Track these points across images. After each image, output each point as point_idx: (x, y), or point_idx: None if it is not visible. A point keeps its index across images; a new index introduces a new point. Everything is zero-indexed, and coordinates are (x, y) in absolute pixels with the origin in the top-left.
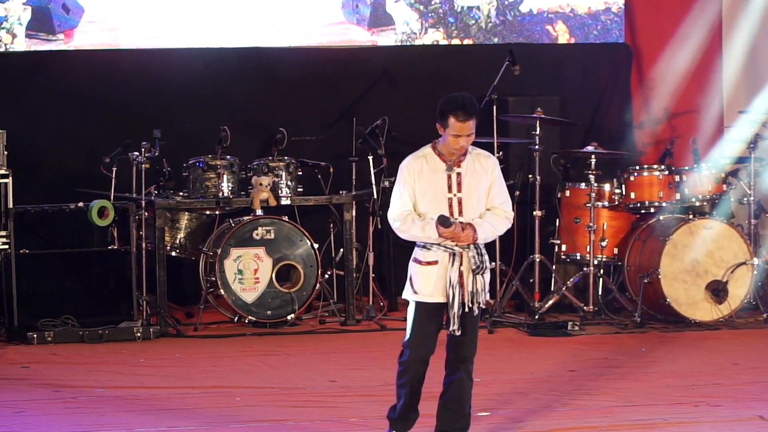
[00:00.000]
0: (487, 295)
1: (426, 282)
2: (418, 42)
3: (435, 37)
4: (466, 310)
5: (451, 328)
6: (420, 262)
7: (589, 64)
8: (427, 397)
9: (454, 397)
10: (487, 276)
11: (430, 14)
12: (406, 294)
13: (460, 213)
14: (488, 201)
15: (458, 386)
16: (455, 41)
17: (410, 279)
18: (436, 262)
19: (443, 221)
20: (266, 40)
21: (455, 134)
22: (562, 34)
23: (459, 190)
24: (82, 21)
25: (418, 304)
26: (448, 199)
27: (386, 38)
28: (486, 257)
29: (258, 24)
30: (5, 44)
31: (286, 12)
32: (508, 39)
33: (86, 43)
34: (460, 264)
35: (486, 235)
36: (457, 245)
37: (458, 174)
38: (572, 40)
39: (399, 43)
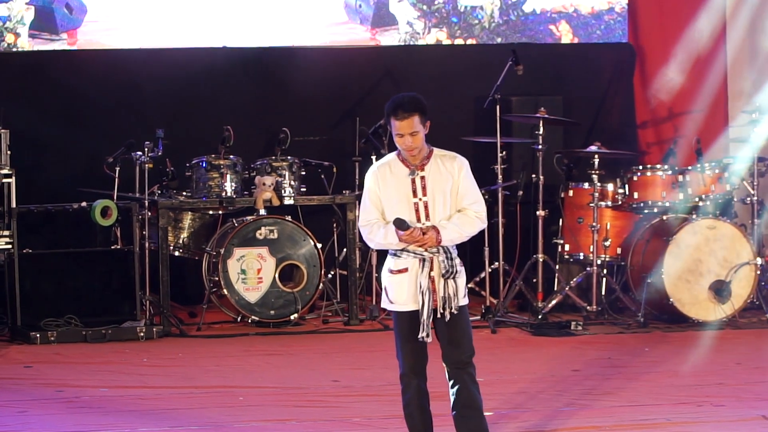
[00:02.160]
0: (464, 300)
1: (399, 291)
2: (421, 42)
3: (438, 36)
4: (438, 316)
5: (420, 335)
6: (391, 271)
7: (593, 64)
8: (436, 396)
9: (467, 404)
10: (461, 280)
11: (433, 14)
12: (384, 303)
13: (427, 217)
14: (458, 202)
15: (466, 393)
16: (458, 41)
17: (385, 289)
18: (406, 270)
19: (399, 224)
20: (269, 39)
21: (397, 134)
22: (565, 34)
23: (424, 194)
24: (85, 20)
25: (397, 314)
26: (414, 204)
27: (389, 38)
28: (457, 261)
29: (261, 24)
30: (8, 44)
31: (289, 12)
32: (512, 39)
33: (89, 43)
34: (431, 269)
35: (451, 236)
36: (426, 251)
37: (422, 177)
38: (576, 40)
39: (402, 43)
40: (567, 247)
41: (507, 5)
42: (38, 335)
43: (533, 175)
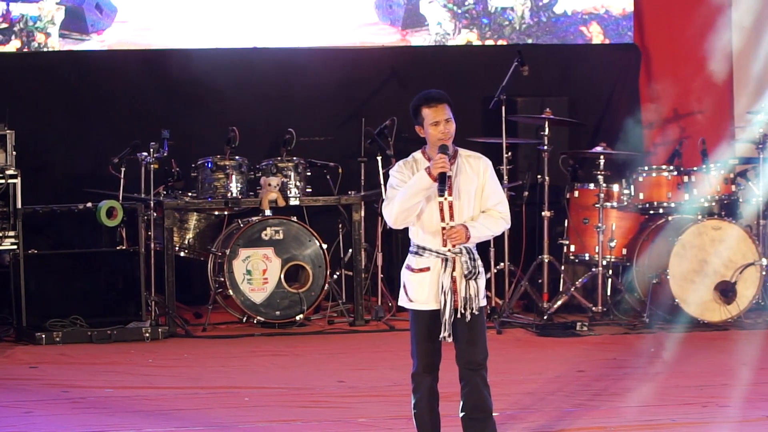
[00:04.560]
0: (483, 301)
1: (420, 289)
2: (450, 42)
3: (468, 37)
4: (459, 316)
5: (441, 335)
6: (412, 270)
7: (598, 65)
8: (443, 397)
9: (477, 407)
10: (482, 281)
11: (463, 15)
12: (402, 302)
13: (452, 217)
14: (482, 203)
15: (476, 395)
16: (489, 42)
17: (404, 286)
18: (428, 269)
19: (443, 149)
20: (300, 40)
21: (433, 122)
22: (596, 35)
23: (450, 194)
24: (115, 21)
25: (415, 312)
26: (439, 203)
27: (420, 39)
28: (479, 262)
29: (291, 24)
30: (39, 43)
31: (320, 12)
32: (542, 40)
33: (119, 43)
34: (453, 269)
35: (479, 233)
36: (449, 251)
37: (449, 177)
38: (606, 41)
39: (407, 44)
40: (572, 248)
41: (538, 6)
42: (43, 336)
43: (539, 176)
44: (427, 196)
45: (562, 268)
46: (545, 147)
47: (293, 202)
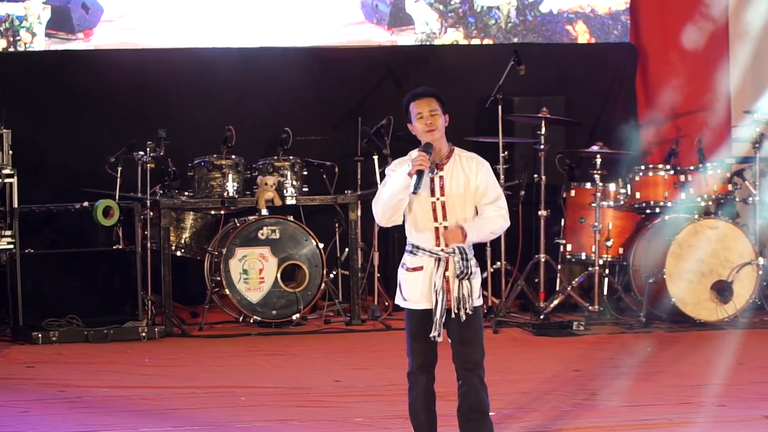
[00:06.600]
0: (479, 301)
1: (413, 288)
2: (437, 42)
3: (455, 37)
4: (453, 315)
5: (431, 334)
6: (407, 269)
7: (595, 64)
8: (440, 396)
9: (474, 407)
10: (476, 281)
11: (449, 14)
12: (397, 300)
13: (444, 217)
14: (479, 201)
15: (473, 394)
16: (475, 41)
17: (399, 285)
18: (421, 268)
19: (426, 147)
20: (286, 40)
21: (418, 114)
22: (582, 34)
23: (442, 194)
24: (101, 20)
25: (409, 311)
26: (431, 203)
27: (406, 38)
28: (473, 262)
29: (277, 24)
30: (25, 43)
31: (306, 12)
32: (528, 39)
33: (105, 43)
34: (445, 269)
35: (477, 233)
36: (442, 250)
37: (441, 177)
38: (592, 41)
39: (417, 43)
40: (569, 247)
41: (523, 5)
42: (40, 335)
43: (535, 175)
44: (419, 195)
45: (559, 267)
46: (542, 146)
47: (290, 201)
